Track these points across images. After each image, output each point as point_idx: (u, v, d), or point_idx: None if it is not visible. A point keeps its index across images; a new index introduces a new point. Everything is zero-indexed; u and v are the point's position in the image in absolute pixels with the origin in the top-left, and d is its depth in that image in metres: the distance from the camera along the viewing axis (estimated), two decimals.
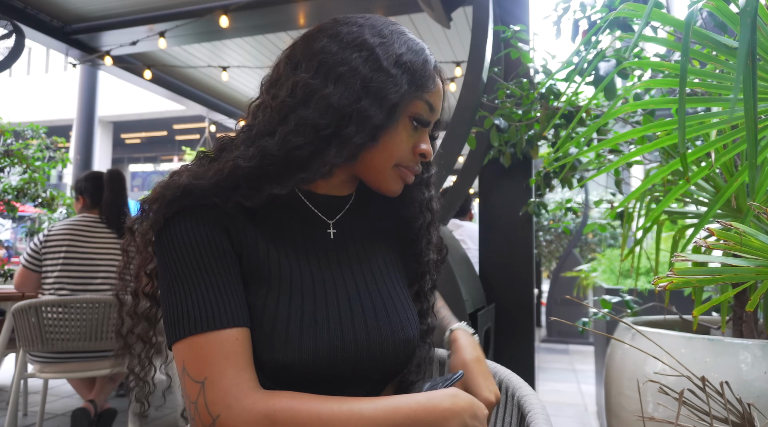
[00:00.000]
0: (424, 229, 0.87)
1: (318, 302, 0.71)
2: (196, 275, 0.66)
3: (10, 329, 2.32)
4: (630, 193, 1.27)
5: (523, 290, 2.48)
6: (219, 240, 0.69)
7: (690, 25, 0.68)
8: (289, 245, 0.75)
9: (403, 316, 0.77)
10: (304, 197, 0.79)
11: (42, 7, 4.42)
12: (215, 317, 0.64)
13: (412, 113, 0.75)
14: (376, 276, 0.79)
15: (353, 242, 0.81)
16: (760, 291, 0.75)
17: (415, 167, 0.78)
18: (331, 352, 0.69)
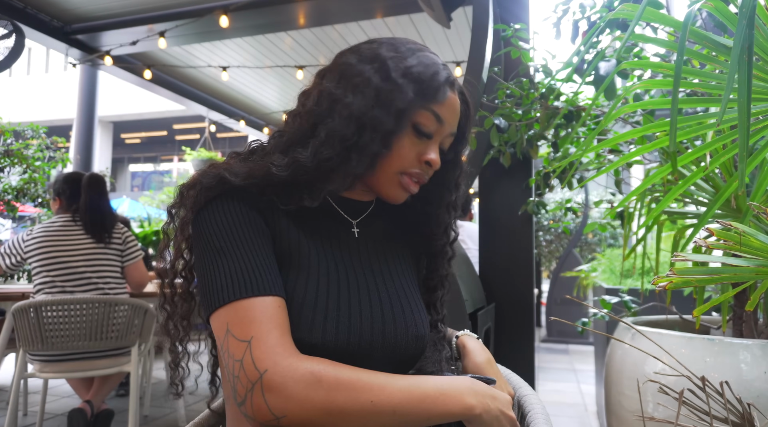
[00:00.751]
0: (447, 247, 0.93)
1: (341, 289, 0.76)
2: (238, 248, 0.71)
3: (10, 328, 2.32)
4: (630, 193, 1.27)
5: (523, 290, 2.48)
6: (257, 219, 0.74)
7: (687, 25, 0.68)
8: (317, 238, 0.80)
9: (416, 314, 0.82)
10: (333, 200, 0.85)
11: (42, 7, 4.42)
12: (260, 284, 0.69)
13: (415, 122, 0.77)
14: (393, 275, 0.84)
15: (373, 243, 0.86)
16: (759, 291, 0.75)
17: (420, 176, 0.80)
18: (351, 336, 0.73)
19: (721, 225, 0.66)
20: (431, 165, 0.80)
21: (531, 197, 2.42)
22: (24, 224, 7.96)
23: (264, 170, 0.75)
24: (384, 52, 0.78)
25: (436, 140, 0.81)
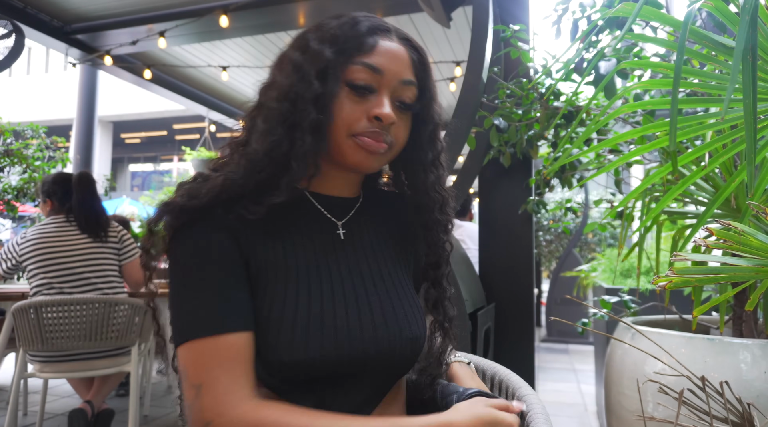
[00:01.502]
0: (437, 214, 0.85)
1: (325, 299, 0.73)
2: (199, 281, 0.68)
3: (10, 328, 2.32)
4: (630, 192, 1.27)
5: (523, 290, 2.48)
6: (224, 245, 0.71)
7: (687, 25, 0.68)
8: (298, 244, 0.76)
9: (410, 315, 0.78)
10: (314, 199, 0.81)
11: (42, 6, 4.42)
12: (214, 322, 0.66)
13: (347, 79, 0.73)
14: (384, 276, 0.80)
15: (362, 242, 0.82)
16: (759, 290, 0.75)
17: (377, 134, 0.74)
18: (338, 349, 0.70)
19: (721, 225, 0.66)
20: (383, 119, 0.73)
21: (531, 197, 2.42)
22: (24, 224, 7.95)
23: (220, 181, 0.72)
24: (306, 31, 0.78)
25: (383, 93, 0.75)
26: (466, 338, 1.91)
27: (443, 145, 0.86)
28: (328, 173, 0.80)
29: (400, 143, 0.78)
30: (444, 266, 0.87)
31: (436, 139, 0.84)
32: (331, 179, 0.82)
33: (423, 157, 0.82)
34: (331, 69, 0.73)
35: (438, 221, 0.84)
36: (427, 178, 0.83)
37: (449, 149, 1.27)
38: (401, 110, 0.77)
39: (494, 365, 0.94)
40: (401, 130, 0.78)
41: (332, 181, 0.82)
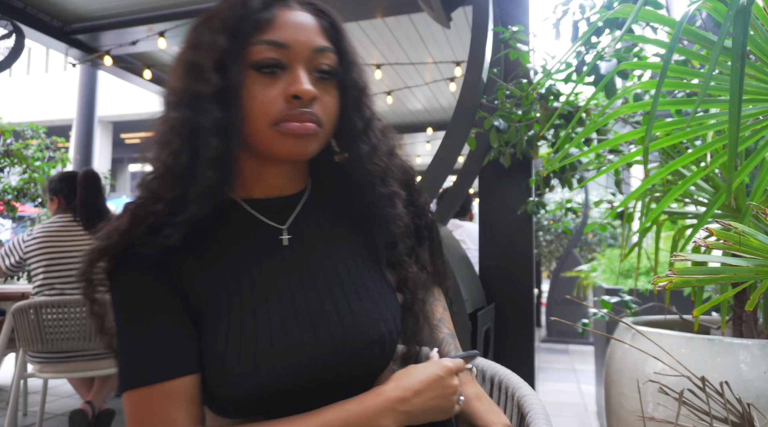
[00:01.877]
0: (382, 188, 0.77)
1: (273, 320, 0.66)
2: (133, 328, 0.64)
3: (10, 329, 2.32)
4: (630, 193, 1.27)
5: (523, 290, 2.48)
6: (153, 285, 0.66)
7: (682, 23, 0.68)
8: (239, 262, 0.70)
9: (375, 313, 0.71)
10: (248, 206, 0.73)
11: (42, 7, 4.42)
12: (151, 371, 0.63)
13: (251, 62, 0.66)
14: (341, 275, 0.73)
15: (312, 243, 0.75)
16: (759, 291, 0.75)
17: (300, 115, 0.66)
18: (294, 368, 0.64)
19: (721, 225, 0.66)
20: (301, 96, 0.66)
21: (531, 197, 2.42)
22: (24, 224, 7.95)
23: (126, 215, 0.66)
24: (195, 23, 0.70)
25: (296, 68, 0.67)
26: (466, 338, 1.91)
27: (374, 112, 0.78)
28: (260, 173, 0.73)
29: (330, 117, 0.71)
30: (401, 243, 0.78)
31: (363, 106, 0.75)
32: (267, 178, 0.74)
33: (351, 127, 0.74)
34: (230, 57, 0.65)
35: (381, 194, 0.75)
36: (360, 149, 0.74)
37: (450, 150, 1.25)
38: (323, 80, 0.70)
39: (494, 365, 0.94)
40: (328, 102, 0.70)
41: (268, 180, 0.74)
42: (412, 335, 0.79)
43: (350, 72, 0.73)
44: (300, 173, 0.78)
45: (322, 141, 0.72)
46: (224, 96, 0.65)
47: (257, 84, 0.66)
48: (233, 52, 0.66)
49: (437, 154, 2.13)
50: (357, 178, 0.76)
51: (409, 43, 5.01)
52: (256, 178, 0.74)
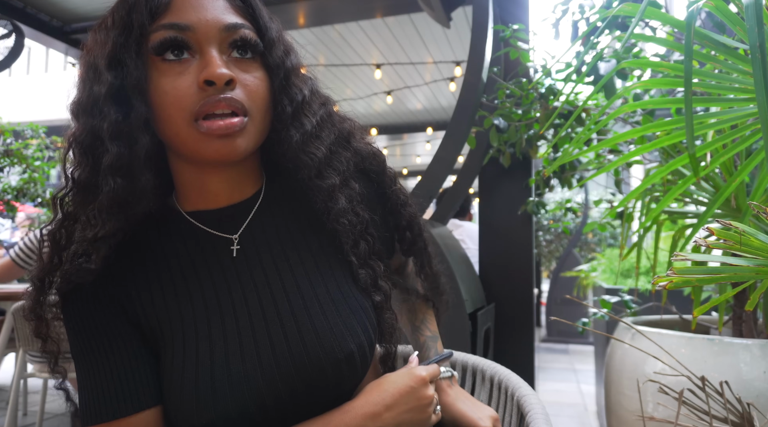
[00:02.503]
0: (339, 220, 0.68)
1: (229, 343, 0.61)
2: (88, 363, 0.61)
3: (10, 328, 2.32)
4: (630, 192, 1.27)
5: (523, 290, 2.48)
6: (107, 319, 0.61)
7: (691, 25, 0.68)
8: (189, 284, 0.64)
9: (339, 329, 0.63)
10: (195, 218, 0.67)
11: (41, 6, 4.42)
12: (109, 408, 0.59)
13: (152, 50, 0.59)
14: (302, 288, 0.65)
15: (268, 253, 0.67)
16: (759, 290, 0.75)
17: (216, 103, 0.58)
18: (257, 397, 0.59)
19: (721, 224, 0.66)
20: (215, 80, 0.57)
21: (531, 197, 2.42)
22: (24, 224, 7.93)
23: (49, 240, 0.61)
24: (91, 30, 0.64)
25: (206, 50, 0.59)
26: (466, 338, 1.91)
27: (311, 95, 0.68)
28: (202, 182, 0.66)
29: (259, 101, 0.62)
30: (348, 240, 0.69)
31: (292, 87, 0.66)
32: (210, 188, 0.66)
33: (279, 111, 0.65)
34: (125, 50, 0.58)
35: (318, 187, 0.66)
36: (290, 136, 0.65)
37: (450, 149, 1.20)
38: (244, 60, 0.62)
39: (494, 365, 0.94)
40: (252, 83, 0.61)
41: (212, 189, 0.66)
42: (388, 336, 0.71)
43: (273, 50, 0.64)
44: (248, 176, 0.69)
45: (255, 133, 0.62)
46: (122, 95, 0.58)
47: (165, 76, 0.58)
48: (128, 44, 0.58)
49: (437, 154, 2.13)
50: (293, 169, 0.67)
51: (409, 43, 5.01)
52: (199, 188, 0.66)
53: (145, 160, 0.59)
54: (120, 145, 0.57)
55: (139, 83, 0.58)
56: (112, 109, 0.57)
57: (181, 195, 0.68)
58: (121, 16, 0.60)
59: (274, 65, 0.64)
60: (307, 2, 4.16)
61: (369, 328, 0.67)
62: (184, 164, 0.65)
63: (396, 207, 0.77)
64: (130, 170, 0.58)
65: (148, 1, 0.59)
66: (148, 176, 0.60)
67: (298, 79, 0.67)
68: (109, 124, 0.57)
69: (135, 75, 0.58)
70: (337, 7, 4.26)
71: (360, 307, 0.67)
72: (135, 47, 0.58)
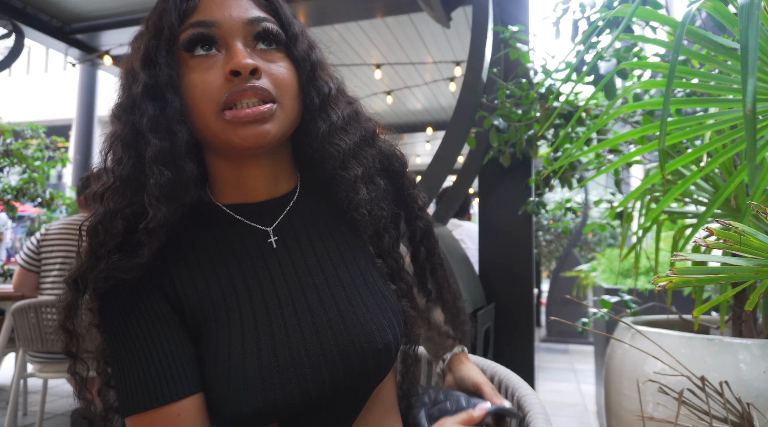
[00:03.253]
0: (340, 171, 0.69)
1: (276, 332, 0.62)
2: (131, 353, 0.61)
3: (10, 328, 2.32)
4: (629, 193, 1.27)
5: (522, 290, 2.48)
6: (150, 306, 0.62)
7: (684, 24, 0.68)
8: (230, 273, 0.66)
9: (379, 319, 0.66)
10: (233, 211, 0.69)
11: (41, 6, 4.42)
12: (155, 394, 0.59)
13: (182, 47, 0.63)
14: (342, 277, 0.68)
15: (308, 242, 0.69)
16: (759, 290, 0.75)
17: (241, 93, 0.60)
18: (302, 383, 0.60)
19: (721, 224, 0.66)
20: (240, 70, 0.60)
21: (531, 197, 2.42)
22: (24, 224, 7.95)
23: (89, 237, 0.61)
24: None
25: (231, 44, 0.62)
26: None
27: (336, 89, 0.71)
28: (239, 177, 0.68)
29: (286, 89, 0.64)
30: (369, 231, 0.70)
31: (319, 80, 0.68)
32: (247, 182, 0.68)
33: (308, 103, 0.67)
34: (157, 51, 0.62)
35: (342, 178, 0.68)
36: (318, 127, 0.67)
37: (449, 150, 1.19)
38: (269, 51, 0.65)
39: (494, 365, 0.94)
40: (279, 73, 0.64)
41: (249, 183, 0.68)
42: (409, 330, 0.72)
43: (297, 43, 0.67)
44: (283, 171, 0.71)
45: (285, 120, 0.64)
46: (158, 91, 0.61)
47: (194, 71, 0.62)
48: (159, 45, 0.62)
49: (437, 154, 2.13)
50: (319, 160, 0.69)
51: (409, 43, 5.01)
52: (236, 184, 0.68)
53: (187, 152, 0.62)
54: (160, 137, 0.60)
55: (171, 79, 0.61)
56: (149, 106, 0.61)
57: (217, 190, 0.70)
58: (153, 22, 0.64)
59: (300, 58, 0.67)
60: (307, 2, 4.16)
61: (401, 322, 0.69)
62: (222, 160, 0.67)
63: (411, 214, 0.78)
64: (173, 161, 0.61)
65: (177, 5, 0.63)
66: (192, 166, 0.62)
67: (325, 73, 0.70)
68: (148, 118, 0.60)
69: (167, 72, 0.61)
70: (337, 7, 4.26)
71: (393, 300, 0.70)
72: (166, 47, 0.62)
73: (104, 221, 0.61)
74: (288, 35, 0.66)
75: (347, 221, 0.72)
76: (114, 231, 0.60)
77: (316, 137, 0.67)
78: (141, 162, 0.61)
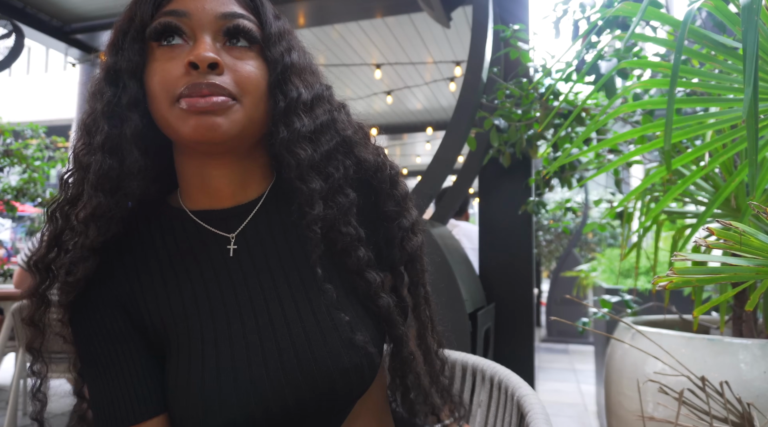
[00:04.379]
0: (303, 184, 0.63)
1: (235, 347, 0.59)
2: (96, 372, 0.61)
3: (10, 328, 2.32)
4: (629, 192, 1.27)
5: (523, 290, 2.48)
6: (113, 326, 0.61)
7: (686, 24, 0.68)
8: (192, 283, 0.63)
9: (346, 336, 0.61)
10: (199, 218, 0.66)
11: (41, 6, 4.42)
12: (116, 417, 0.59)
13: (149, 35, 0.61)
14: (308, 290, 0.63)
15: (269, 252, 0.65)
16: (759, 290, 0.75)
17: (196, 87, 0.57)
18: (262, 404, 0.57)
19: (721, 224, 0.66)
20: (198, 63, 0.57)
21: (531, 197, 2.42)
22: (23, 224, 7.95)
23: (53, 224, 0.61)
24: None
25: (198, 36, 0.60)
26: (466, 338, 1.91)
27: (304, 94, 0.65)
28: (202, 177, 0.65)
29: (251, 89, 0.60)
30: (351, 251, 0.64)
31: (288, 83, 0.63)
32: (211, 183, 0.65)
33: (271, 106, 0.63)
34: (125, 37, 0.61)
35: (300, 190, 0.63)
36: (278, 132, 0.62)
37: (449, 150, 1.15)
38: (240, 48, 0.61)
39: (494, 365, 0.94)
40: (245, 72, 0.60)
41: (212, 185, 0.65)
42: (397, 346, 0.67)
43: (272, 45, 0.63)
44: (254, 176, 0.67)
45: (242, 118, 0.60)
46: (119, 77, 0.60)
47: (158, 60, 0.60)
48: (128, 31, 0.61)
49: (437, 154, 2.13)
50: (278, 167, 0.65)
51: (409, 43, 5.01)
52: (200, 185, 0.65)
53: (134, 139, 0.60)
54: (111, 124, 0.59)
55: (133, 66, 0.60)
56: (108, 91, 0.60)
57: (185, 194, 0.67)
58: (129, 8, 0.62)
59: (273, 59, 0.63)
60: (307, 2, 4.16)
61: (376, 338, 0.64)
62: (186, 159, 0.65)
63: (391, 234, 0.69)
64: (118, 148, 0.59)
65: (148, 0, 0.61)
66: (137, 155, 0.60)
67: (299, 78, 0.65)
68: (104, 104, 0.59)
69: (130, 58, 0.60)
70: (337, 7, 4.26)
71: (364, 315, 0.65)
72: (134, 34, 0.61)
73: (62, 207, 0.61)
74: (264, 34, 0.64)
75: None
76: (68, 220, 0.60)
77: (275, 143, 0.63)
78: (92, 147, 0.60)
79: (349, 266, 0.65)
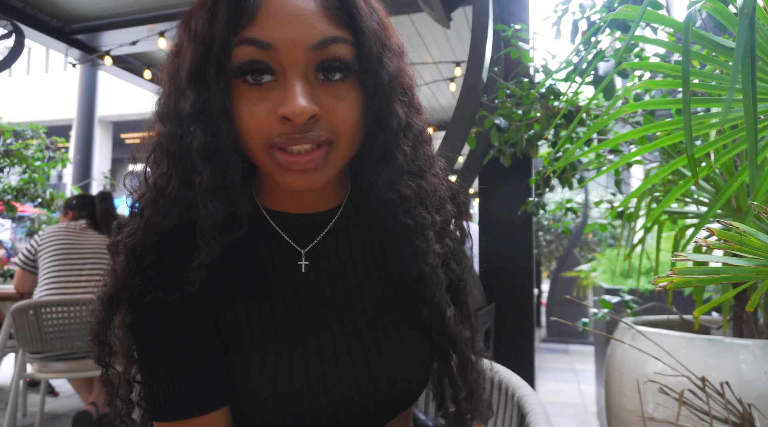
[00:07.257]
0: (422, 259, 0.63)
1: (310, 351, 0.60)
2: (164, 362, 0.59)
3: (10, 328, 2.32)
4: (630, 193, 1.27)
5: (523, 290, 2.48)
6: (186, 319, 0.59)
7: (689, 26, 0.68)
8: (269, 284, 0.63)
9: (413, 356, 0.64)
10: (275, 219, 0.64)
11: (41, 6, 4.42)
12: (182, 406, 0.58)
13: (232, 69, 0.54)
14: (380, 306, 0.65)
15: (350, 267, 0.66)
16: (760, 291, 0.75)
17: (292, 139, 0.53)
18: (330, 408, 0.59)
19: (722, 225, 0.66)
20: (294, 119, 0.52)
21: (531, 197, 2.42)
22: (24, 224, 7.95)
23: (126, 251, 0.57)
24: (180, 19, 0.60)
25: (288, 77, 0.53)
26: None
27: (407, 117, 0.61)
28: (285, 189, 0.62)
29: (350, 124, 0.56)
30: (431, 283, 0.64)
31: (390, 114, 0.58)
32: (294, 195, 0.64)
33: (370, 143, 0.59)
34: (208, 66, 0.53)
35: (405, 226, 0.61)
36: (379, 173, 0.59)
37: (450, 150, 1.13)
38: (331, 82, 0.55)
39: (494, 365, 0.94)
40: (342, 111, 0.55)
41: (295, 195, 0.64)
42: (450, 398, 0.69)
43: (369, 71, 0.56)
44: (335, 186, 0.66)
45: (339, 160, 0.57)
46: (207, 115, 0.54)
47: (245, 99, 0.54)
48: (208, 61, 0.53)
49: (437, 154, 2.12)
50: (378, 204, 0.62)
51: (409, 43, 4.99)
52: (283, 192, 0.64)
53: (242, 185, 0.57)
54: (213, 167, 0.54)
55: (222, 106, 0.54)
56: (198, 129, 0.54)
57: (265, 188, 0.66)
58: (202, 24, 0.54)
59: (370, 87, 0.57)
60: None
61: (428, 364, 0.67)
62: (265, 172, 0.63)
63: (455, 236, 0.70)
64: (228, 195, 0.55)
65: (230, 10, 0.53)
66: (246, 200, 0.57)
67: (396, 94, 0.60)
68: (199, 143, 0.54)
69: (218, 96, 0.54)
70: None
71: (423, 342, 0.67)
72: (215, 64, 0.53)
73: (144, 238, 0.57)
74: (361, 57, 0.56)
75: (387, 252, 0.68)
76: (151, 248, 0.57)
77: (375, 184, 0.60)
78: (190, 186, 0.55)
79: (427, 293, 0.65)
